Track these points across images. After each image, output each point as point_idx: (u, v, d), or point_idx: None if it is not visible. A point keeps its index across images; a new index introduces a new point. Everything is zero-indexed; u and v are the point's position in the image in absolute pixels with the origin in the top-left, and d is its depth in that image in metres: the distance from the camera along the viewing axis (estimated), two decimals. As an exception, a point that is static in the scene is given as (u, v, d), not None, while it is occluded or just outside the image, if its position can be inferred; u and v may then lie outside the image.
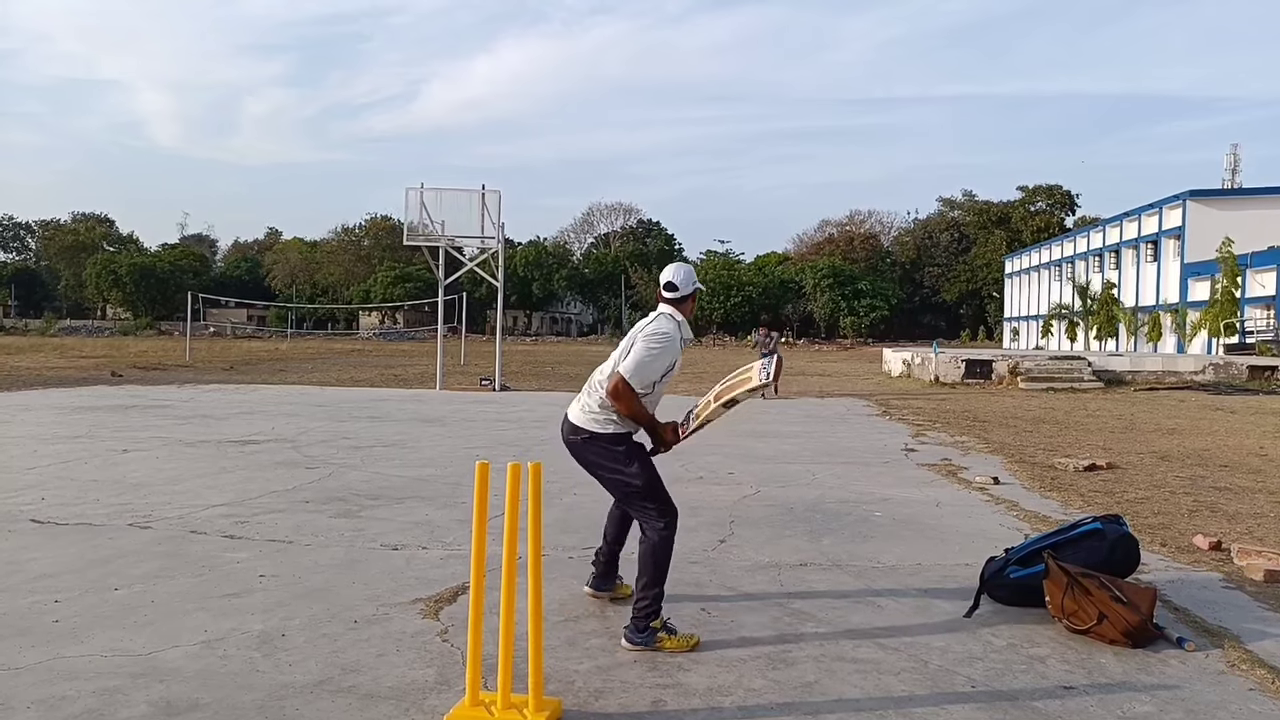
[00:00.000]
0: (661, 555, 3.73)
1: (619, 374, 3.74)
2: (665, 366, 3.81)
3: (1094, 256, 55.30)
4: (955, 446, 10.32)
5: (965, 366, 21.93)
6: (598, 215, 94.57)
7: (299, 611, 4.06)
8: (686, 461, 8.74)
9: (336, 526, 5.79)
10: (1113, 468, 8.70)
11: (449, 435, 10.87)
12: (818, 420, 13.43)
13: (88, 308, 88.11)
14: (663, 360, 3.79)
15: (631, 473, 3.77)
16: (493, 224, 18.73)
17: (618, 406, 3.75)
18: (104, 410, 13.13)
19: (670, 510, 3.79)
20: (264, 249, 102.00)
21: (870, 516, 6.38)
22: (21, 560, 4.84)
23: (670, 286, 3.95)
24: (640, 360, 3.75)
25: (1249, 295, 37.64)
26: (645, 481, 3.78)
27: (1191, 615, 4.19)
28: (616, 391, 3.73)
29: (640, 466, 3.79)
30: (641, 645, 3.65)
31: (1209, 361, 23.66)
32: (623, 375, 3.73)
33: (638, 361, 3.75)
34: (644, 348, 3.78)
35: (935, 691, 3.30)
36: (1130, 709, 3.17)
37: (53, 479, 7.29)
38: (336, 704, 3.10)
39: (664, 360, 3.79)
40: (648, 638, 3.66)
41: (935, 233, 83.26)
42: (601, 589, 4.32)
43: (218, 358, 31.99)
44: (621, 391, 3.72)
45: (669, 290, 3.95)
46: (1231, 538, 5.68)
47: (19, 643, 3.61)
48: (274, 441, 9.84)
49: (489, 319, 69.31)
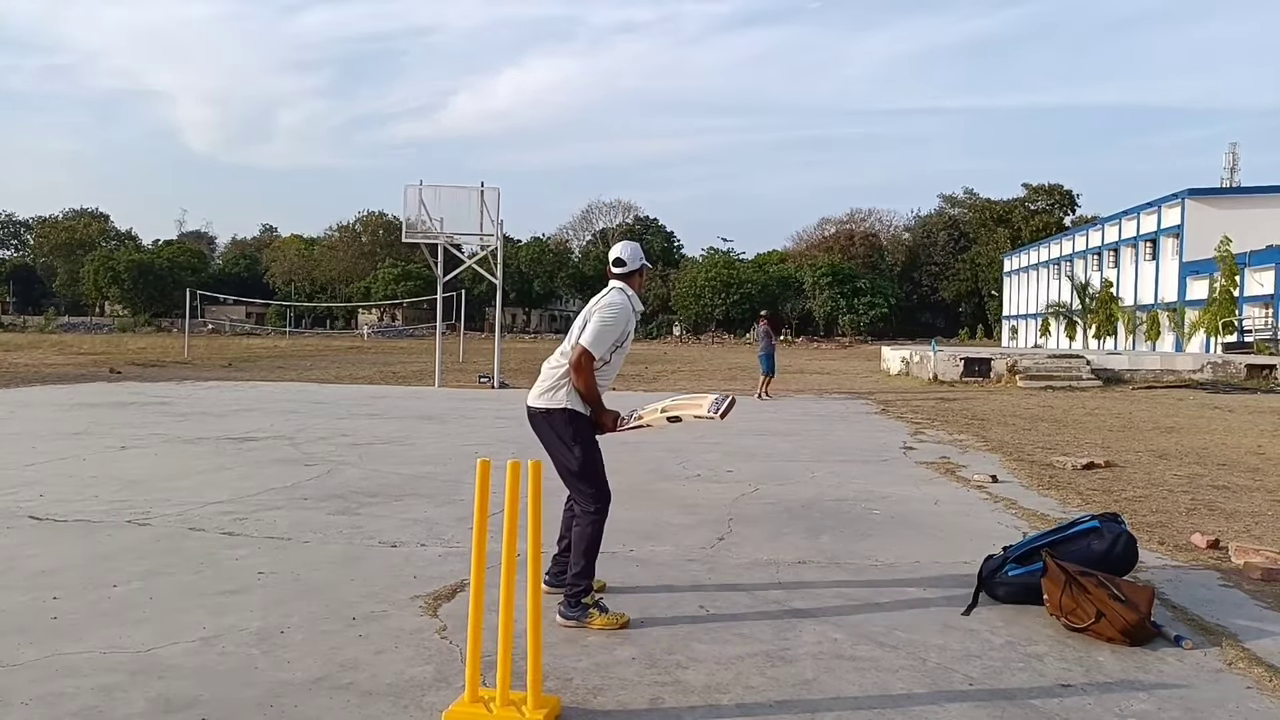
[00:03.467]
0: (593, 537, 3.99)
1: (580, 345, 4.01)
2: (619, 334, 4.09)
3: (1093, 255, 55.33)
4: (954, 445, 10.33)
5: (964, 365, 21.93)
6: (597, 213, 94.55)
7: (297, 608, 4.06)
8: (684, 460, 8.75)
9: (335, 524, 5.79)
10: (1111, 466, 8.71)
11: (448, 433, 10.87)
12: (816, 418, 13.44)
13: (86, 304, 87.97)
14: (617, 328, 4.07)
15: (574, 454, 4.00)
16: (492, 221, 18.72)
17: (576, 380, 4.01)
18: (102, 407, 13.12)
19: (603, 496, 4.04)
20: (262, 246, 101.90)
21: (869, 514, 6.39)
22: (20, 557, 4.84)
23: (619, 262, 4.24)
24: (597, 330, 4.02)
25: (1247, 294, 37.69)
26: (584, 463, 4.00)
27: (1189, 613, 4.20)
28: (579, 363, 3.99)
29: (583, 449, 4.01)
30: (574, 621, 3.89)
31: (1207, 360, 23.68)
32: (584, 345, 4.00)
33: (595, 331, 4.02)
34: (599, 319, 4.05)
35: (933, 689, 3.30)
36: (1128, 707, 3.18)
37: (51, 476, 7.29)
38: (335, 701, 3.10)
39: (618, 328, 4.08)
40: (579, 613, 3.90)
41: (934, 231, 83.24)
42: (557, 585, 4.32)
43: (216, 355, 31.96)
44: (583, 363, 3.99)
45: (617, 265, 4.24)
46: (1229, 536, 5.69)
47: (18, 639, 3.61)
48: (273, 439, 9.84)
49: (488, 316, 69.34)
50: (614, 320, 4.05)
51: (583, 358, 3.98)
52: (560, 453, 4.03)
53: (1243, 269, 37.05)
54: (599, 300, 4.16)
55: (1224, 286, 36.14)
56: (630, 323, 4.15)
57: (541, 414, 4.06)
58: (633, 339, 4.27)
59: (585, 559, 3.97)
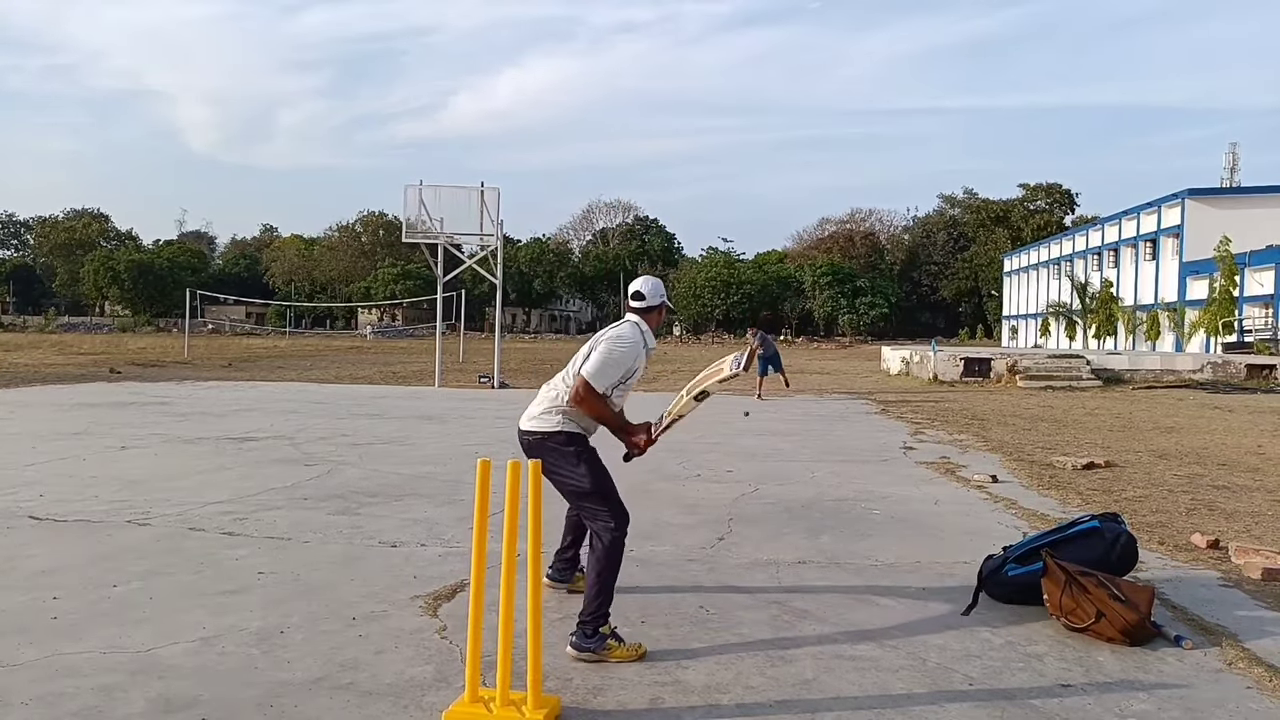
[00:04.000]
0: (612, 560, 3.67)
1: (581, 376, 3.76)
2: (626, 371, 3.83)
3: (1093, 255, 55.31)
4: (954, 444, 10.33)
5: (964, 365, 21.93)
6: (597, 212, 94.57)
7: (297, 608, 4.06)
8: (685, 460, 8.75)
9: (335, 524, 5.79)
10: (1111, 466, 8.71)
11: (448, 433, 10.87)
12: (816, 418, 13.44)
13: (86, 304, 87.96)
14: (624, 364, 3.80)
15: (580, 473, 3.74)
16: (491, 221, 18.72)
17: (582, 410, 3.77)
18: (102, 407, 13.12)
19: (621, 514, 3.74)
20: (262, 246, 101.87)
21: (868, 514, 6.39)
22: (20, 557, 4.84)
23: (638, 295, 4.01)
24: (602, 363, 3.77)
25: (1247, 294, 37.68)
26: (594, 483, 3.74)
27: (1189, 613, 4.20)
28: (579, 395, 3.74)
29: (589, 468, 3.75)
30: (590, 652, 3.55)
31: (1207, 360, 23.68)
32: (585, 377, 3.75)
33: (599, 364, 3.76)
34: (606, 350, 3.80)
35: (933, 689, 3.30)
36: (1128, 707, 3.18)
37: (51, 476, 7.28)
38: (335, 701, 3.10)
39: (625, 364, 3.81)
40: (597, 644, 3.56)
41: (934, 231, 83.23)
42: (560, 580, 4.42)
43: (216, 355, 31.96)
44: (585, 394, 3.74)
45: (636, 299, 4.01)
46: (1229, 536, 5.69)
47: (18, 639, 3.61)
48: (273, 439, 9.84)
49: (488, 316, 69.31)
50: (622, 355, 3.79)
51: (583, 388, 3.73)
52: (566, 475, 3.76)
53: (1242, 269, 37.04)
54: (610, 330, 3.94)
55: (1224, 286, 36.14)
56: (640, 359, 3.88)
57: (538, 438, 3.80)
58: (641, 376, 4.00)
59: (603, 585, 3.64)
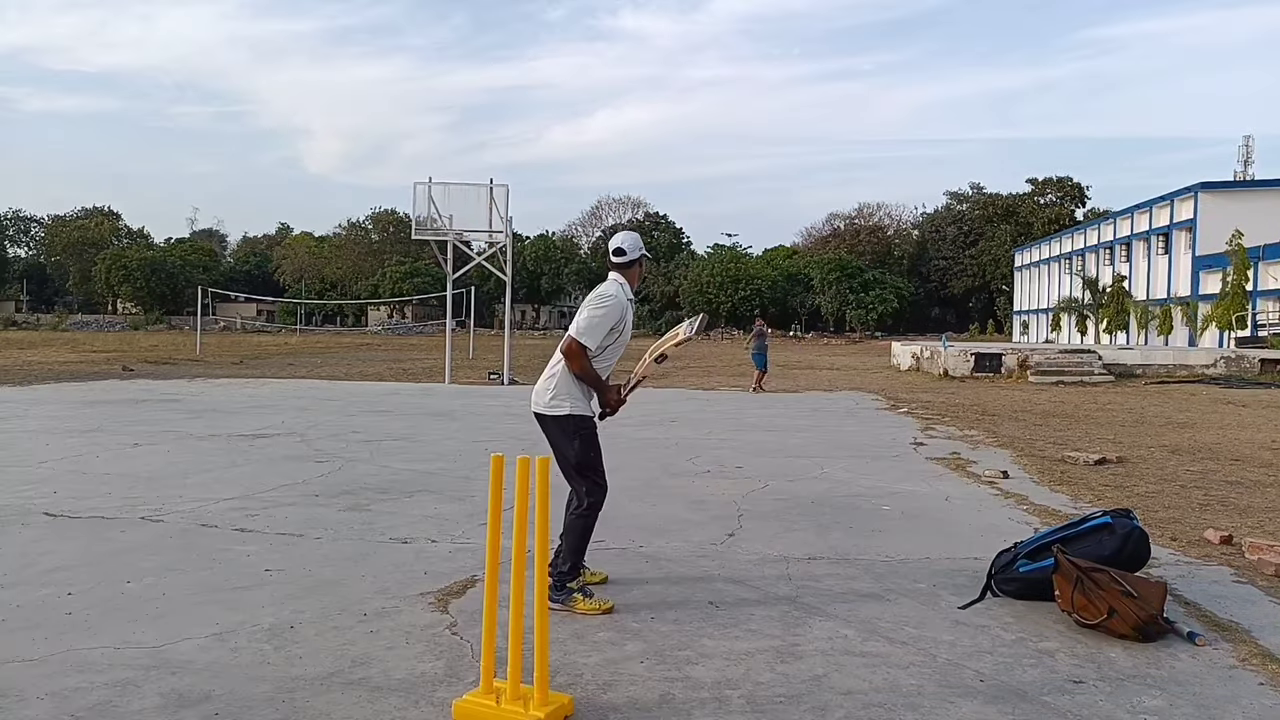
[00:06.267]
0: (584, 529, 4.14)
1: (570, 335, 4.12)
2: (612, 325, 4.13)
3: (1104, 249, 54.97)
4: (964, 440, 10.30)
5: (974, 360, 21.83)
6: (606, 208, 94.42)
7: (309, 604, 4.08)
8: (695, 456, 8.75)
9: (346, 520, 5.82)
10: (1123, 462, 8.67)
11: (458, 429, 10.89)
12: (826, 414, 13.42)
13: (98, 303, 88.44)
14: (609, 319, 4.12)
15: (574, 447, 4.13)
16: (501, 218, 18.75)
17: (570, 366, 4.11)
18: (115, 404, 13.20)
19: (598, 490, 4.17)
20: (273, 244, 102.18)
21: (879, 510, 6.38)
22: (34, 553, 4.88)
23: (619, 252, 4.30)
24: (589, 320, 4.10)
25: (1261, 288, 37.40)
26: (582, 457, 4.13)
27: (1202, 610, 4.18)
28: (569, 351, 4.09)
29: (582, 443, 4.14)
30: (559, 604, 3.94)
31: (1220, 355, 23.50)
32: (574, 336, 4.10)
33: (586, 322, 4.10)
34: (589, 310, 4.14)
35: (944, 685, 3.30)
36: (1140, 703, 3.17)
37: (65, 473, 7.34)
38: (346, 696, 3.11)
39: (610, 319, 4.12)
40: (564, 597, 4.02)
41: (943, 226, 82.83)
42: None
43: (228, 352, 32.11)
44: (574, 351, 4.08)
45: (617, 255, 4.31)
46: (1243, 532, 5.65)
47: (32, 635, 3.64)
48: (284, 435, 9.88)
49: (497, 313, 69.43)
50: (605, 311, 4.12)
51: (573, 345, 4.09)
52: (561, 447, 4.16)
53: (1256, 263, 36.78)
54: (594, 291, 4.27)
55: (1237, 281, 35.87)
56: (626, 312, 4.21)
57: (550, 419, 4.19)
58: (631, 329, 4.33)
59: (574, 548, 4.13)
